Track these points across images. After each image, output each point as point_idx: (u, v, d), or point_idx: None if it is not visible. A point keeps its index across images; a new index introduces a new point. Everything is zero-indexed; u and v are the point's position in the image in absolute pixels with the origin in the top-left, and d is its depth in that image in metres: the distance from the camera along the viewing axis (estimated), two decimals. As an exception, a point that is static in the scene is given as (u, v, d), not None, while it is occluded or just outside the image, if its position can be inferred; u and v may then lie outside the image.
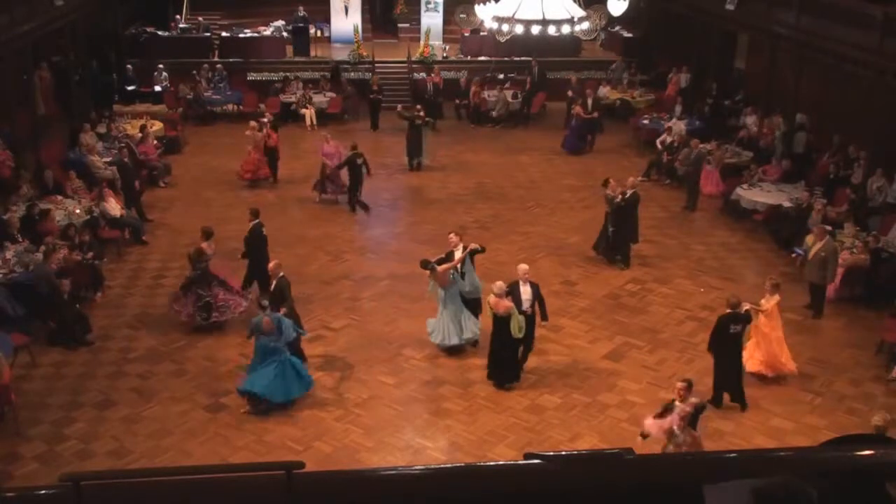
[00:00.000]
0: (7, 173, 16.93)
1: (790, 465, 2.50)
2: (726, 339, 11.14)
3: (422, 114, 20.48)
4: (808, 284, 13.96)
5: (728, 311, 11.15)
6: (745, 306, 11.36)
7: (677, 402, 9.16)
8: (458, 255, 12.49)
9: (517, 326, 11.34)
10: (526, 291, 11.70)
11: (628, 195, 15.21)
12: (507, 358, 11.69)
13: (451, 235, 12.82)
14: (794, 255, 15.25)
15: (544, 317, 12.01)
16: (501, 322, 11.45)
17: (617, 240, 15.33)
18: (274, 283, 12.03)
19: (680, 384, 9.32)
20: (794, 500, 2.07)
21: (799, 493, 2.08)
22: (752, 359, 11.92)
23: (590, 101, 22.56)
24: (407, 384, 11.85)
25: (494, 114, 24.00)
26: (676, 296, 14.50)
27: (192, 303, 12.85)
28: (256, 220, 13.80)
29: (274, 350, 10.93)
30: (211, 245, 13.13)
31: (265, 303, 11.49)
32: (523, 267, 12.00)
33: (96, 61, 23.60)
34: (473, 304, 12.70)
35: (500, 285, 11.48)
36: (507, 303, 11.37)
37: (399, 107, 21.23)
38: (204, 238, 13.14)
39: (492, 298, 11.47)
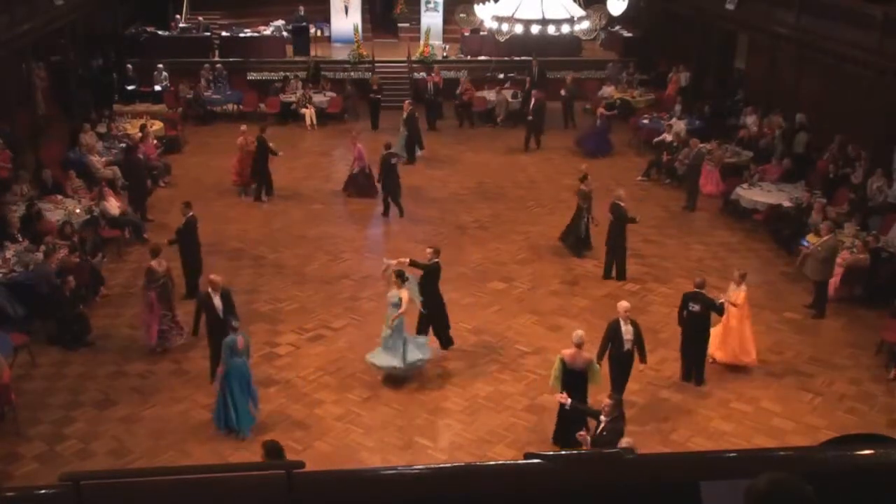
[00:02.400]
0: (4, 174, 16.93)
1: (790, 465, 2.50)
2: (687, 315, 11.66)
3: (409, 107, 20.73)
4: (812, 283, 14.00)
5: (694, 289, 11.61)
6: (720, 299, 11.68)
7: (602, 417, 9.20)
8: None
9: (596, 377, 10.28)
10: (627, 331, 10.71)
11: (615, 209, 14.84)
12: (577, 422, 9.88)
13: (428, 249, 12.72)
14: (801, 248, 15.23)
15: (643, 358, 11.00)
16: (577, 378, 10.20)
17: (615, 256, 15.05)
18: (217, 296, 11.42)
19: (607, 399, 9.31)
20: (789, 497, 2.07)
21: (794, 491, 2.07)
22: (715, 347, 12.19)
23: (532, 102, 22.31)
24: (407, 384, 11.83)
25: (499, 119, 23.96)
26: (676, 296, 14.37)
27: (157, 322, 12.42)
28: (191, 213, 13.90)
29: (246, 371, 10.75)
30: (161, 262, 12.49)
31: (236, 323, 10.86)
32: (624, 304, 10.95)
33: (96, 61, 23.59)
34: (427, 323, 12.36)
35: (579, 335, 10.30)
36: (587, 355, 10.30)
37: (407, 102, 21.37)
38: (152, 256, 12.56)
39: (567, 352, 10.22)
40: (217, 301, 11.43)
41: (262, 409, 11.11)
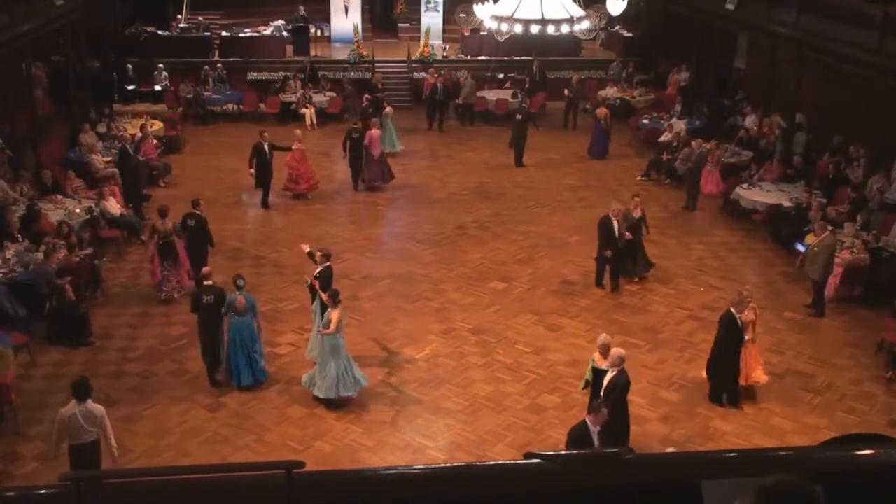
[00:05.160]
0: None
1: (790, 465, 2.50)
2: None
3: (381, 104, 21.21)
4: (812, 282, 13.99)
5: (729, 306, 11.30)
6: (747, 337, 11.22)
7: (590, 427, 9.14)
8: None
9: (583, 380, 10.42)
10: (606, 378, 9.84)
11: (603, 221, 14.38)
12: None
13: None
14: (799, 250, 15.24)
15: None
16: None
17: (598, 262, 14.64)
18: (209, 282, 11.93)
19: (604, 409, 9.02)
20: (801, 497, 2.07)
21: (805, 492, 2.08)
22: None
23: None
24: (407, 384, 11.84)
25: (460, 100, 23.95)
26: (676, 295, 14.50)
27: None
28: (188, 213, 14.22)
29: (247, 329, 11.39)
30: (166, 223, 13.78)
31: (241, 282, 11.43)
32: (616, 351, 9.86)
33: (97, 61, 23.58)
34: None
35: (603, 338, 10.33)
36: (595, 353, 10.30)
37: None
38: (159, 216, 13.92)
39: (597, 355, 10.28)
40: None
41: (262, 408, 11.14)
